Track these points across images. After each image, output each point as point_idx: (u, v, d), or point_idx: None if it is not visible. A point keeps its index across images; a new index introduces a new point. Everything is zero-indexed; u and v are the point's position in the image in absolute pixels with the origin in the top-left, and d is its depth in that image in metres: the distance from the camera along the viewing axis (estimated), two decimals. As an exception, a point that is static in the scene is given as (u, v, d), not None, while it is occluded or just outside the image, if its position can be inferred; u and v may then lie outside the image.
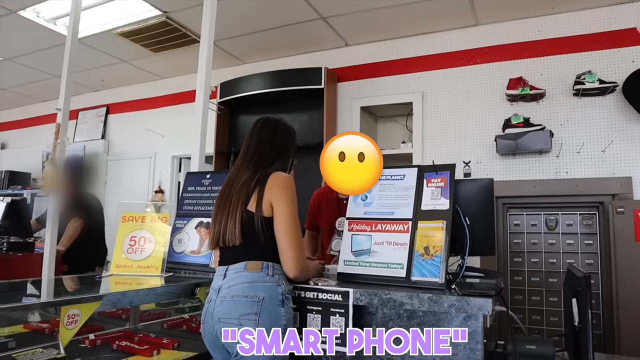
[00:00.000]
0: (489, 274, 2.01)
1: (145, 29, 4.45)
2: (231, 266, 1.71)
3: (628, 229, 3.27)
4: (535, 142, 3.76)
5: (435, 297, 1.60)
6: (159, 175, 5.75)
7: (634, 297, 3.18)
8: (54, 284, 2.30)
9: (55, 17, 4.31)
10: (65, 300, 1.48)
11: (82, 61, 5.07)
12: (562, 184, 3.75)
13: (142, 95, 6.09)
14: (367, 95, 4.68)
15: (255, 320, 1.60)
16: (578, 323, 1.58)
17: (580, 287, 1.56)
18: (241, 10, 4.11)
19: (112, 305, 1.64)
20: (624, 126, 3.67)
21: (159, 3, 4.04)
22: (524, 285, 3.80)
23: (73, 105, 3.58)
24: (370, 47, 4.74)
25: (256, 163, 1.82)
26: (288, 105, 4.78)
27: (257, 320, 1.60)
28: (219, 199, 1.83)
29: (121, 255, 2.25)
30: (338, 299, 1.71)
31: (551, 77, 3.94)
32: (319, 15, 4.19)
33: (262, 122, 1.94)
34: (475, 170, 4.03)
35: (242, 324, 1.60)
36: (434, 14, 4.11)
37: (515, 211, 3.91)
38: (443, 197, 1.86)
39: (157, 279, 2.14)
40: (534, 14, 4.03)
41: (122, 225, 2.33)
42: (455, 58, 4.34)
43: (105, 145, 6.25)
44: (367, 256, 1.88)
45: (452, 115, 4.28)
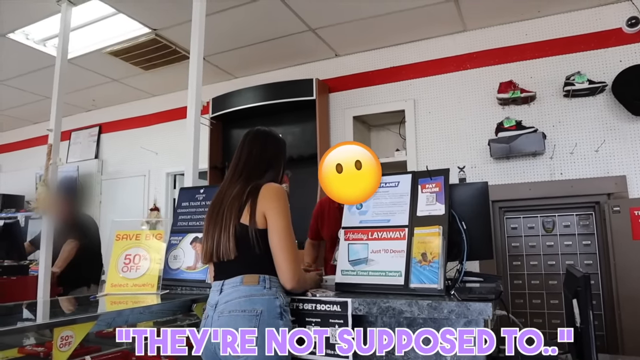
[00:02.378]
0: (488, 278, 1.99)
1: (135, 47, 4.45)
2: (227, 280, 1.69)
3: (625, 227, 3.27)
4: (528, 144, 3.77)
5: (434, 304, 1.58)
6: (154, 193, 5.72)
7: (634, 296, 3.17)
8: (49, 305, 2.26)
9: (45, 39, 4.31)
10: (57, 321, 1.45)
11: (72, 81, 5.08)
12: (557, 185, 3.76)
13: (134, 113, 6.08)
14: (359, 105, 4.69)
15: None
16: (580, 324, 1.56)
17: (580, 287, 1.55)
18: (230, 24, 4.13)
19: (107, 325, 1.60)
20: (616, 125, 3.69)
21: (148, 21, 4.05)
22: (524, 288, 3.78)
23: (65, 126, 3.58)
24: (360, 57, 4.76)
25: (247, 175, 1.81)
26: (280, 117, 4.79)
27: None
28: (210, 213, 1.81)
29: (116, 274, 2.22)
30: (337, 309, 1.69)
31: (541, 79, 3.96)
32: (308, 27, 4.21)
33: (252, 134, 1.93)
34: (470, 175, 4.04)
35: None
36: (422, 22, 4.14)
37: (512, 214, 3.91)
38: (438, 202, 1.85)
39: (153, 296, 2.11)
40: (520, 17, 4.07)
41: (116, 244, 2.31)
42: (445, 64, 4.36)
43: (99, 165, 6.22)
44: (365, 265, 1.87)
45: (445, 121, 4.30)
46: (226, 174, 1.89)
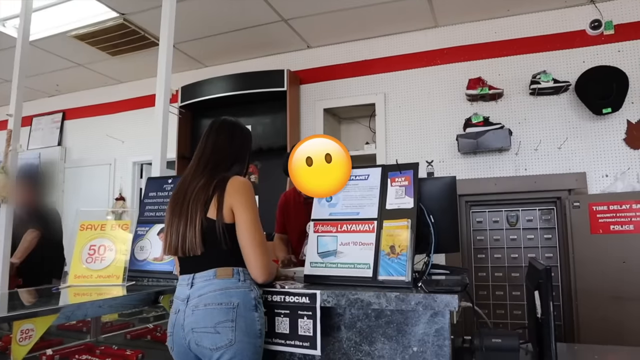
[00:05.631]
0: (454, 270, 2.04)
1: (102, 31, 4.31)
2: (198, 274, 1.67)
3: (584, 222, 3.39)
4: (495, 140, 3.86)
5: (402, 296, 1.61)
6: (120, 182, 5.58)
7: (590, 288, 3.30)
8: (7, 297, 2.19)
9: (5, 19, 4.12)
10: (17, 314, 1.40)
11: (35, 65, 4.89)
12: (522, 180, 3.86)
13: (100, 100, 5.90)
14: (329, 97, 4.69)
15: (232, 327, 1.58)
16: (540, 315, 1.61)
17: (541, 279, 1.60)
18: (201, 12, 4.05)
19: (69, 318, 1.56)
20: (578, 123, 3.82)
21: (115, 5, 3.92)
22: (488, 280, 3.88)
23: (26, 111, 3.44)
24: (331, 49, 4.76)
25: (213, 167, 1.77)
26: (251, 108, 4.74)
27: (233, 327, 1.58)
28: (173, 204, 1.76)
29: (80, 265, 2.16)
30: (305, 301, 1.69)
31: (509, 77, 4.05)
32: (281, 17, 4.17)
33: (218, 124, 1.89)
34: (438, 169, 4.10)
35: (219, 331, 1.57)
36: (394, 16, 4.16)
37: (478, 208, 4.00)
38: (407, 195, 1.87)
39: (118, 288, 2.06)
40: (490, 15, 4.14)
41: (81, 234, 2.24)
42: (415, 59, 4.41)
43: (62, 152, 6.01)
44: (334, 257, 1.88)
45: (414, 116, 4.35)
46: (190, 165, 1.83)
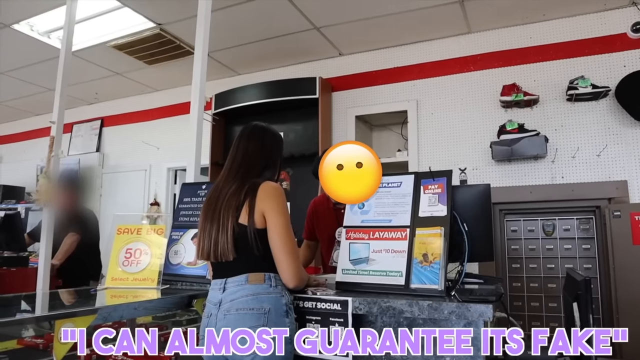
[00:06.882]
0: (488, 280, 1.99)
1: (139, 41, 4.45)
2: (230, 279, 1.68)
3: (625, 232, 3.27)
4: (530, 147, 3.77)
5: (435, 304, 1.58)
6: (155, 188, 5.72)
7: (633, 300, 3.18)
8: (48, 297, 2.27)
9: (49, 31, 4.31)
10: (59, 314, 1.45)
11: (76, 74, 5.07)
12: (558, 189, 3.76)
13: (137, 107, 6.08)
14: (361, 104, 4.69)
15: None
16: (580, 327, 1.56)
17: (580, 291, 1.55)
18: (235, 21, 4.13)
19: (106, 319, 1.60)
20: (618, 130, 3.69)
21: (153, 15, 4.05)
22: (523, 291, 3.78)
23: (67, 119, 3.57)
24: (363, 57, 4.76)
25: (244, 172, 1.78)
26: (283, 115, 4.78)
27: None
28: (206, 210, 1.77)
29: (116, 268, 2.22)
30: (337, 308, 1.69)
31: (544, 82, 3.96)
32: (313, 25, 4.21)
33: (249, 130, 1.89)
34: (471, 177, 4.03)
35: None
36: (426, 23, 4.14)
37: (512, 217, 3.91)
38: (440, 203, 1.84)
39: (153, 291, 2.11)
40: (525, 21, 4.07)
41: (117, 238, 2.30)
42: (448, 66, 4.36)
43: (100, 158, 6.22)
44: (366, 264, 1.87)
45: (447, 123, 4.30)
46: (222, 170, 1.85)
